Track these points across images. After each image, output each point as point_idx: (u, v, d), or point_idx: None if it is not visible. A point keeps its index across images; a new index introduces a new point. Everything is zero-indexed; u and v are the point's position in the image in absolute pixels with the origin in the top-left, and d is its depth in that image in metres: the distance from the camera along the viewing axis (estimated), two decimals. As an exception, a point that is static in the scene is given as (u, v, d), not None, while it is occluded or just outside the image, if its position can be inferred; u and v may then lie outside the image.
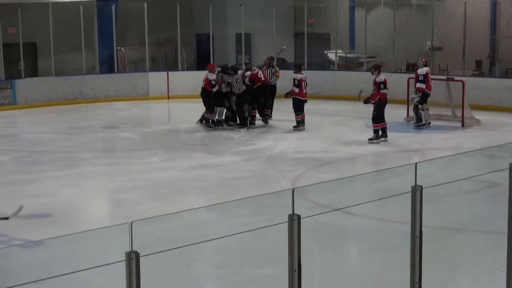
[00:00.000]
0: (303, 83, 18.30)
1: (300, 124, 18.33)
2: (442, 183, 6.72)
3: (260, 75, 19.09)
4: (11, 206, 11.71)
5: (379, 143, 16.65)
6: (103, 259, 4.70)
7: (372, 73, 17.04)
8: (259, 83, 18.96)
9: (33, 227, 10.67)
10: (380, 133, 16.79)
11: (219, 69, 19.13)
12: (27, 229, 10.49)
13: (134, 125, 19.81)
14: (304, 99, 18.38)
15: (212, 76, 18.68)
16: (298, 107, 18.31)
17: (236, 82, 18.55)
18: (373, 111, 16.86)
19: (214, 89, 18.58)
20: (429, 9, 25.03)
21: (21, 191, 12.80)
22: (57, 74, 24.00)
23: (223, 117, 18.92)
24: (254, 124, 18.93)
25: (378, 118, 16.80)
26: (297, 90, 18.27)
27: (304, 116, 18.31)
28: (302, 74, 18.43)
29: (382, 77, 16.85)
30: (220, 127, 18.68)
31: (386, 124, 16.85)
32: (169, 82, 24.83)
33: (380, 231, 10.00)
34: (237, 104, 18.71)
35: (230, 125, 18.82)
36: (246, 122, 18.57)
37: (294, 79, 18.38)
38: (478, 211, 10.70)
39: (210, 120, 18.73)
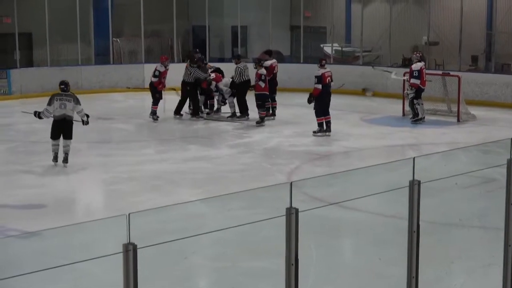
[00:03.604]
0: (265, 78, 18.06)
1: (263, 120, 18.12)
2: (439, 178, 6.70)
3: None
4: (6, 197, 11.71)
5: (323, 136, 16.62)
6: (100, 251, 4.68)
7: (319, 67, 16.97)
8: (271, 75, 19.04)
9: (28, 218, 10.64)
10: (324, 127, 16.75)
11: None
12: (22, 220, 10.47)
13: (129, 116, 19.77)
14: (267, 93, 18.18)
15: (161, 68, 19.02)
16: (264, 103, 18.08)
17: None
18: (314, 105, 16.81)
19: (154, 79, 18.91)
20: (425, 3, 25.00)
21: (15, 182, 12.77)
22: (53, 65, 23.94)
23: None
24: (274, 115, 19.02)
25: (318, 112, 16.75)
26: (263, 85, 17.96)
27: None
28: (261, 69, 18.13)
29: (319, 71, 16.76)
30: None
31: (329, 117, 16.74)
32: (165, 74, 24.75)
33: (377, 225, 10.00)
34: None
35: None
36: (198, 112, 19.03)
37: (261, 75, 18.01)
38: (474, 206, 10.70)
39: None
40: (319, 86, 16.64)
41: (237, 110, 18.96)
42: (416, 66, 18.45)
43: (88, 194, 12.65)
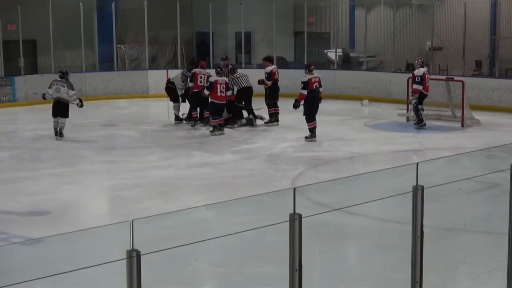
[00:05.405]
0: (218, 85, 17.61)
1: (216, 129, 17.72)
2: (442, 183, 6.69)
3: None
4: (10, 203, 11.73)
5: (315, 141, 16.66)
6: (103, 257, 4.68)
7: (306, 72, 16.99)
8: (273, 80, 19.06)
9: (33, 225, 10.66)
10: (316, 132, 16.82)
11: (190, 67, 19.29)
12: (26, 227, 10.48)
13: (133, 122, 19.79)
14: (222, 102, 17.79)
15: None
16: (215, 111, 17.79)
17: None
18: (303, 111, 16.83)
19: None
20: (429, 9, 25.02)
21: (20, 188, 12.79)
22: (57, 72, 23.91)
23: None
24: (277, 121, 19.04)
25: (308, 117, 16.79)
26: (207, 92, 17.70)
27: (223, 120, 17.96)
28: (221, 77, 17.96)
29: (306, 77, 16.76)
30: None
31: (314, 124, 16.75)
32: (169, 80, 24.77)
33: (381, 230, 9.99)
34: None
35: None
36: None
37: (209, 82, 17.87)
38: (478, 211, 10.69)
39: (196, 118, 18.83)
40: (305, 92, 16.68)
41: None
42: (419, 71, 18.43)
43: (92, 201, 12.67)
